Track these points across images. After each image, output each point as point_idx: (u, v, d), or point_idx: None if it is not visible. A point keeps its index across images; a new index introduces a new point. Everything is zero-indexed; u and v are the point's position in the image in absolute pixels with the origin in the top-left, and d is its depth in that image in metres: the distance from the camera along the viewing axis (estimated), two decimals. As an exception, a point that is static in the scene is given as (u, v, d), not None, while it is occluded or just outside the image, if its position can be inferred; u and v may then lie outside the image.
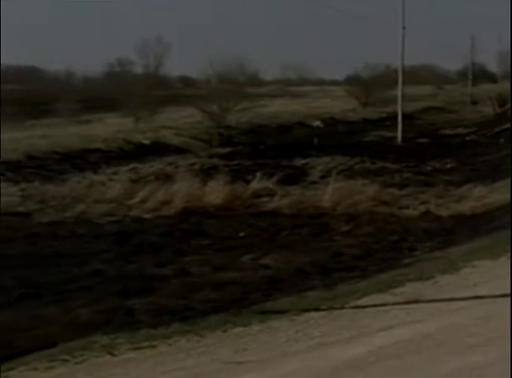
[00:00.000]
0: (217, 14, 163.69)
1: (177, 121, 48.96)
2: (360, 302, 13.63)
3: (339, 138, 47.99)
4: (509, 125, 48.20)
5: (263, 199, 25.04)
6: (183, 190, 24.99)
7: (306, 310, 13.08)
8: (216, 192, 24.88)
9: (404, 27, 49.66)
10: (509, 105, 58.31)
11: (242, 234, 20.99)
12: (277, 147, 41.97)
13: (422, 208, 24.04)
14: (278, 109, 59.53)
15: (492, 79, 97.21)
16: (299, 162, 34.84)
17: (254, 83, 61.16)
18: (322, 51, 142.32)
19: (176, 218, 23.08)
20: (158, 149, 40.43)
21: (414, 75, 70.26)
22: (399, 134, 49.14)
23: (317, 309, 13.16)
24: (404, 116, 51.02)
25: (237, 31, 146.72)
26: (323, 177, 28.49)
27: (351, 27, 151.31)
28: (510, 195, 23.18)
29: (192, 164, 34.06)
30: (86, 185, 28.49)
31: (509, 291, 12.62)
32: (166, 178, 28.24)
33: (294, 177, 29.31)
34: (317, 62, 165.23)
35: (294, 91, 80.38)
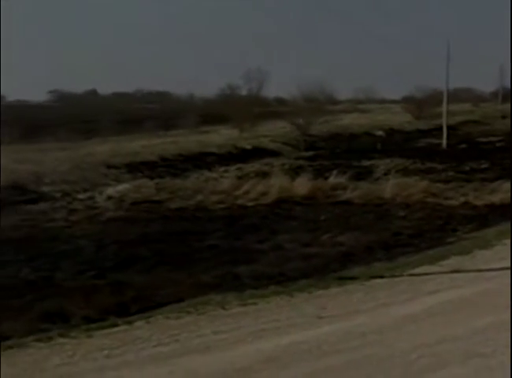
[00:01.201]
0: (303, 47, 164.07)
1: (272, 131, 48.98)
2: (414, 271, 13.62)
3: (397, 145, 47.46)
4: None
5: (338, 191, 24.90)
6: (277, 184, 25.02)
7: (373, 277, 13.11)
8: (302, 186, 24.85)
9: (449, 59, 49.08)
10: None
11: (322, 218, 20.94)
12: (349, 151, 41.69)
13: (462, 199, 23.65)
14: (349, 122, 59.16)
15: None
16: (366, 163, 34.54)
17: (331, 101, 60.88)
18: (384, 76, 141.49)
19: (271, 205, 23.11)
20: (258, 152, 40.49)
21: (456, 96, 69.11)
22: (444, 141, 48.45)
23: (381, 277, 13.17)
24: (448, 127, 50.30)
25: (317, 59, 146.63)
26: (385, 174, 28.22)
27: (408, 57, 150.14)
28: None
29: (283, 164, 34.02)
30: (203, 180, 28.74)
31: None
32: (264, 175, 28.24)
33: (362, 174, 29.04)
34: (380, 85, 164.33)
35: (362, 108, 79.95)
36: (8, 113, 52.66)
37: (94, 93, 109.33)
